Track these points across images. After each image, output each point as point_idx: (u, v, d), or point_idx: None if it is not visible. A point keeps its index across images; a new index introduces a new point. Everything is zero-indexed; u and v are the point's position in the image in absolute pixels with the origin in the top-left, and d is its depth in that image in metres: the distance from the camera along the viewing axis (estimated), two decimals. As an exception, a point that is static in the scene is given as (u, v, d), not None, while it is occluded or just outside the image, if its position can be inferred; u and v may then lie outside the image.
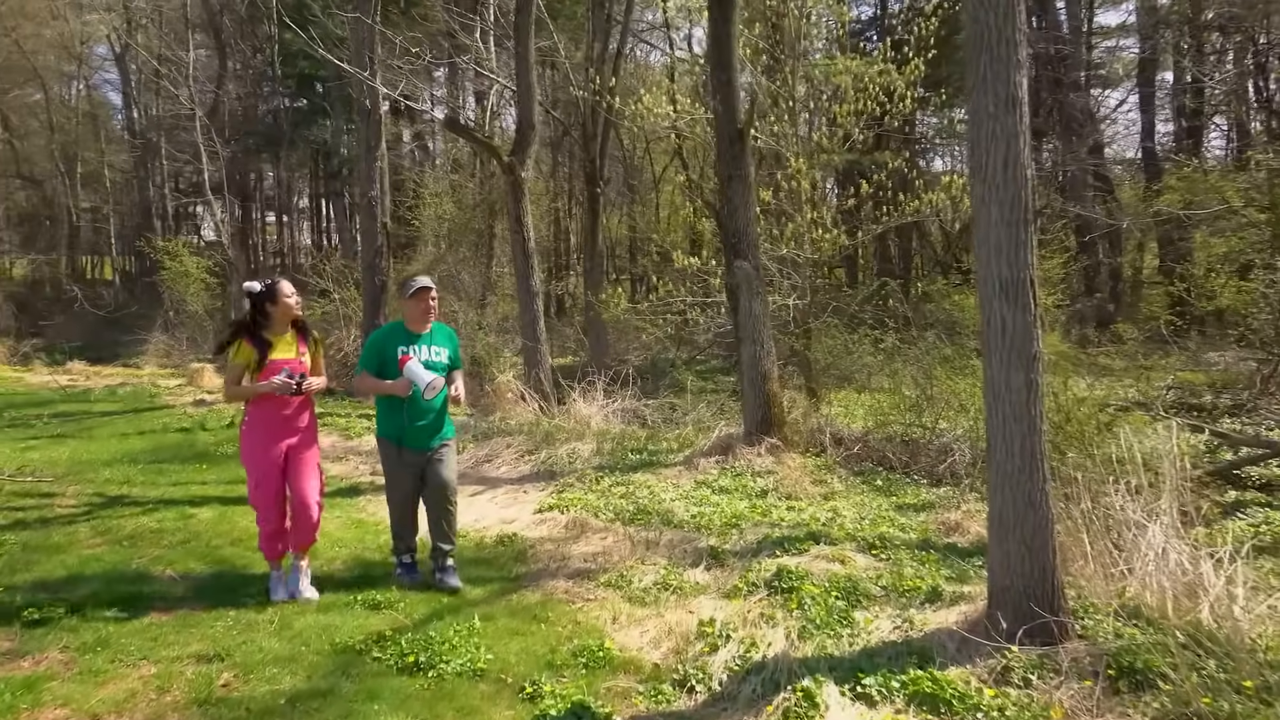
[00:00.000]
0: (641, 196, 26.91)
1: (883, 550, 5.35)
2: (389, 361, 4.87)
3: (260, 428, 4.63)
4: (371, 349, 4.98)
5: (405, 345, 4.89)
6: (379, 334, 5.09)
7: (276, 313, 4.66)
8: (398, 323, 5.07)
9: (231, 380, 4.65)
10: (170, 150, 28.28)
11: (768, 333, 8.68)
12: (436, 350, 4.99)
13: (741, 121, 8.59)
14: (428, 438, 4.93)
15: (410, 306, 4.94)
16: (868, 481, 7.99)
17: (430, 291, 4.96)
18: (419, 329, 4.96)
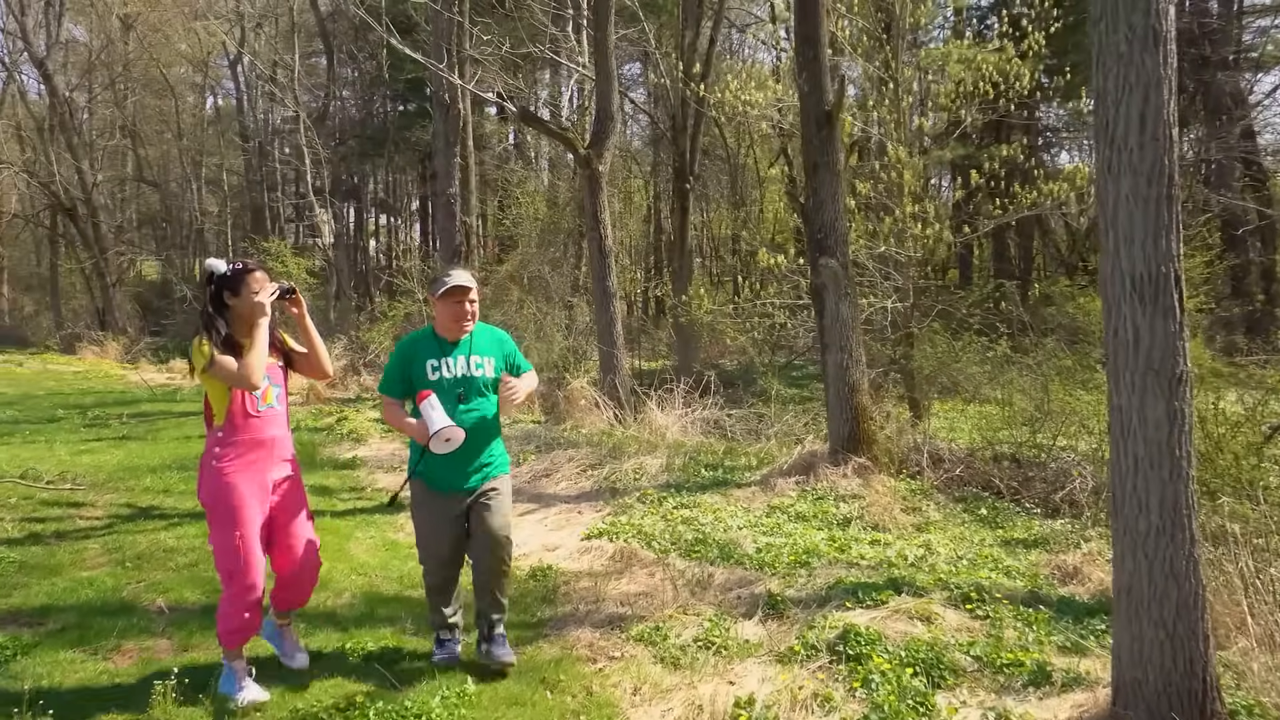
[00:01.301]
0: (745, 196, 26.02)
1: (980, 604, 4.41)
2: (418, 381, 3.74)
3: (234, 453, 3.49)
4: (394, 366, 3.81)
5: (436, 357, 3.74)
6: (404, 344, 3.86)
7: (239, 307, 3.51)
8: (427, 329, 3.89)
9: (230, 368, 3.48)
10: (282, 155, 29.03)
11: (857, 339, 7.74)
12: (478, 362, 3.79)
13: (830, 103, 7.69)
14: (467, 475, 3.75)
15: (441, 309, 3.75)
16: (970, 510, 6.98)
17: (469, 292, 3.73)
18: (453, 335, 3.80)
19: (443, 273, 3.82)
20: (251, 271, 3.56)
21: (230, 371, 3.41)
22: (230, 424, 3.51)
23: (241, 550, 3.42)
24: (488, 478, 3.82)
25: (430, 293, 3.91)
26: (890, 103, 10.26)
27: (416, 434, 3.63)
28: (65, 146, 23.60)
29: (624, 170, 25.10)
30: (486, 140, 26.44)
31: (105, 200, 28.78)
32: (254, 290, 3.51)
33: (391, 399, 3.84)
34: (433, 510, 3.79)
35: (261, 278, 3.58)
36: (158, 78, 30.22)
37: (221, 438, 3.51)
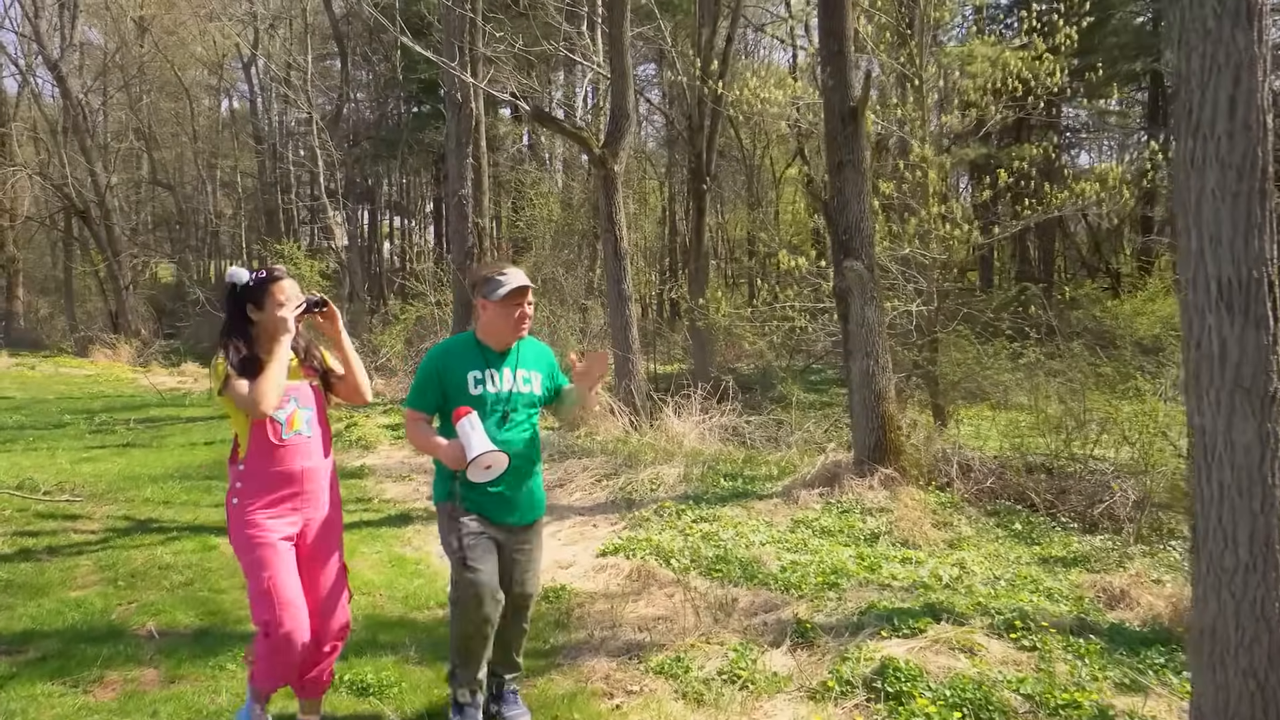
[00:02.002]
0: (761, 198, 25.69)
1: (1025, 633, 4.10)
2: (455, 395, 3.16)
3: (256, 488, 3.02)
4: (427, 376, 3.22)
5: (480, 368, 3.19)
6: (439, 352, 3.29)
7: (264, 322, 3.06)
8: (466, 335, 3.32)
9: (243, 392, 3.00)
10: (296, 157, 28.92)
11: (884, 344, 7.43)
12: (526, 376, 3.28)
13: (855, 98, 7.39)
14: (515, 507, 3.26)
15: (496, 313, 3.17)
16: (1003, 524, 6.66)
17: (527, 293, 3.20)
18: (502, 344, 3.23)
19: (495, 270, 3.23)
20: (276, 281, 3.09)
21: (241, 395, 2.95)
22: (253, 455, 3.02)
23: (274, 594, 2.90)
24: (530, 517, 3.36)
25: (482, 295, 3.21)
26: (915, 100, 9.94)
27: (449, 457, 3.07)
28: (79, 149, 23.53)
29: (639, 171, 24.84)
30: (500, 142, 26.22)
31: (120, 203, 28.74)
32: (279, 302, 3.05)
33: (420, 414, 3.22)
34: (489, 543, 3.18)
35: (288, 287, 3.10)
36: (173, 80, 30.20)
37: (243, 471, 3.03)
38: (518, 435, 3.23)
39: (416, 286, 15.37)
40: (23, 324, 26.70)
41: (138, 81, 27.28)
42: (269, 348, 3.05)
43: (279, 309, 3.05)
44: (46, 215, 28.01)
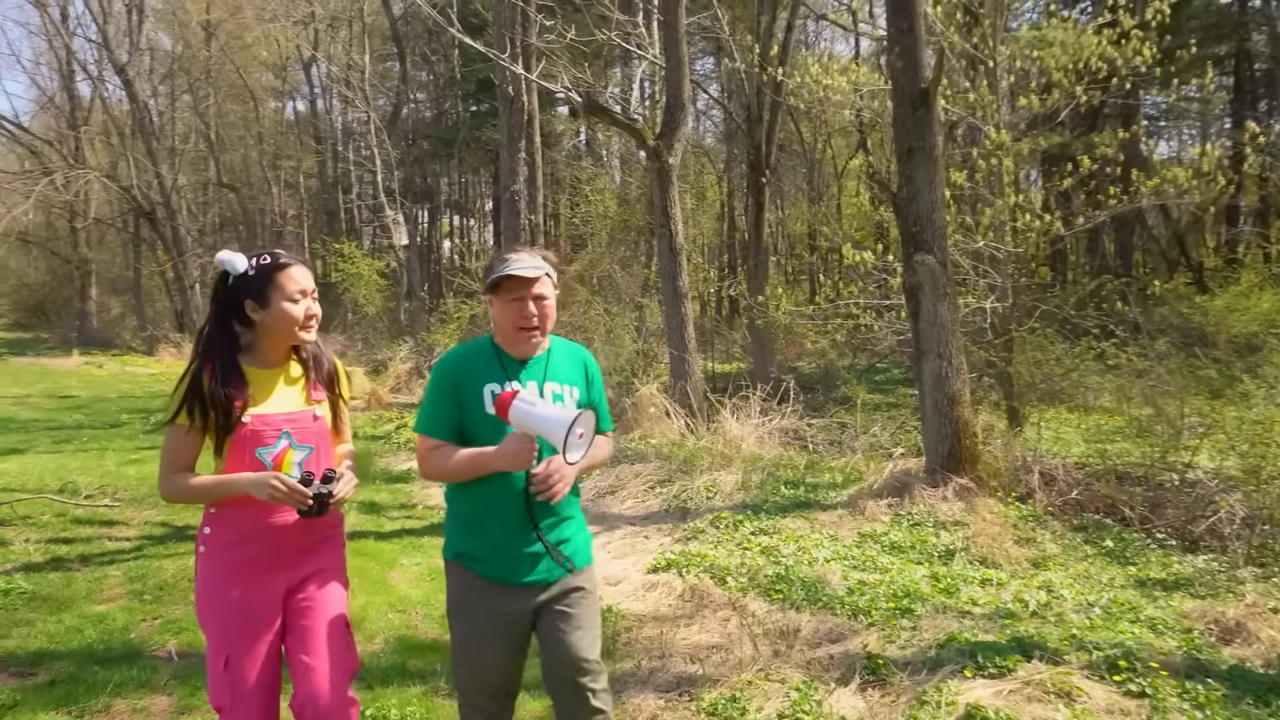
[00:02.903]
0: (823, 192, 25.04)
1: (1131, 675, 3.60)
2: (472, 413, 2.46)
3: (231, 555, 2.39)
4: (437, 393, 2.52)
5: (499, 381, 2.48)
6: (450, 361, 2.57)
7: (267, 321, 2.41)
8: (481, 340, 2.61)
9: (169, 460, 2.40)
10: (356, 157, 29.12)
11: (957, 344, 6.91)
12: (557, 392, 2.55)
13: (926, 80, 6.87)
14: (535, 559, 2.50)
15: (497, 311, 2.52)
16: (1092, 541, 6.10)
17: (531, 284, 2.46)
18: (522, 351, 2.53)
19: (499, 255, 2.57)
20: (283, 268, 2.40)
21: (166, 454, 2.38)
22: (223, 508, 2.39)
23: (232, 680, 2.33)
24: (580, 564, 2.58)
25: (483, 287, 2.61)
26: (988, 84, 9.33)
27: (508, 459, 2.35)
28: (145, 152, 23.97)
29: (696, 167, 24.38)
30: (557, 139, 26.01)
31: (188, 204, 29.30)
32: (290, 295, 2.39)
33: (434, 441, 2.47)
34: (481, 614, 2.48)
35: (299, 276, 2.43)
36: (238, 83, 30.68)
37: (215, 515, 2.40)
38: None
39: (470, 284, 15.17)
40: (95, 323, 27.36)
41: (203, 85, 27.70)
42: (269, 354, 2.43)
43: (289, 303, 2.38)
44: (116, 216, 28.64)
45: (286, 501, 2.28)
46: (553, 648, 2.49)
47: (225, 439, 2.36)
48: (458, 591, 2.55)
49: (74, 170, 23.75)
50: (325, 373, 2.57)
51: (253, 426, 2.36)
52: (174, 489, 2.39)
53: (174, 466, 2.39)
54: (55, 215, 28.97)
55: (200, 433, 2.36)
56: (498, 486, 2.45)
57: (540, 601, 2.50)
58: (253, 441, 2.36)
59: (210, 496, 2.37)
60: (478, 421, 2.46)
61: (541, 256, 2.55)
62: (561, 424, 2.23)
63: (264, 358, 2.46)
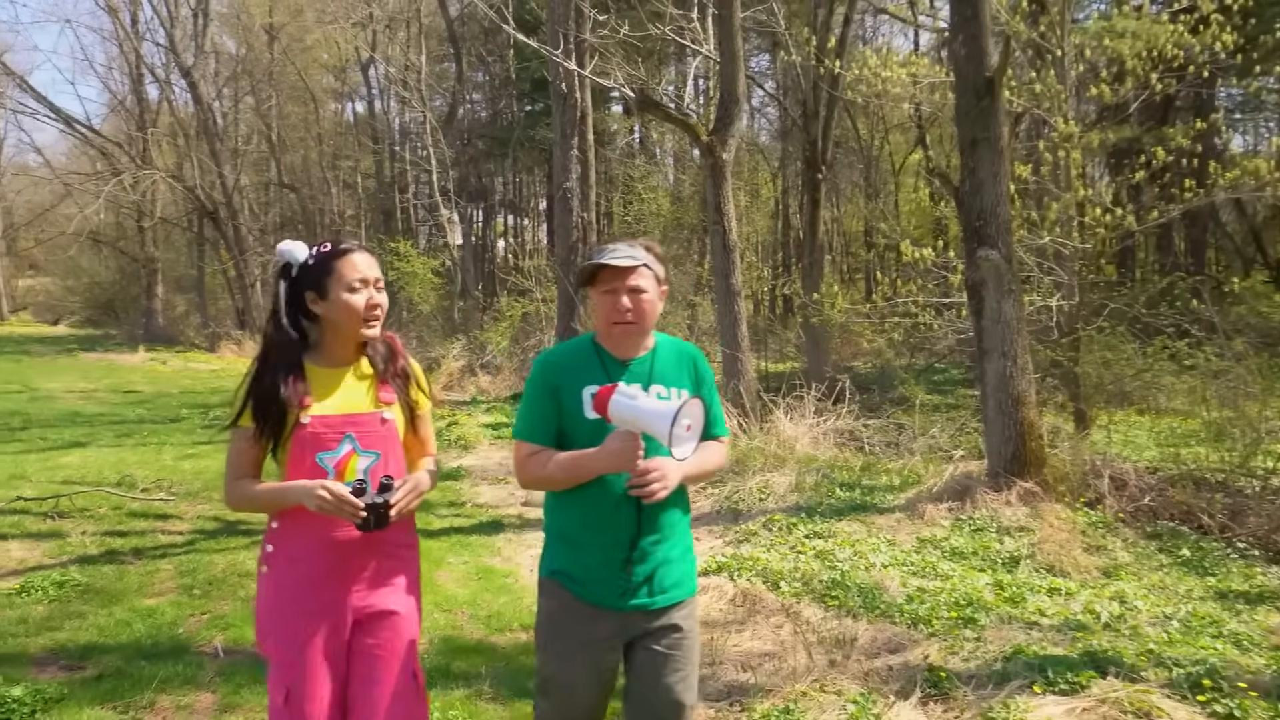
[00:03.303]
0: (879, 189, 24.62)
1: (1217, 695, 3.36)
2: (571, 417, 2.27)
3: (292, 573, 2.18)
4: (536, 395, 2.32)
5: (599, 384, 2.24)
6: (548, 360, 2.39)
7: (329, 314, 2.21)
8: (582, 339, 2.41)
9: (232, 466, 2.23)
10: (413, 157, 29.45)
11: (1023, 343, 6.64)
12: (662, 393, 2.32)
13: (992, 68, 6.61)
14: (631, 583, 2.25)
15: (597, 304, 2.33)
16: (1167, 550, 5.81)
17: (628, 274, 2.25)
18: (623, 349, 2.33)
19: (600, 245, 2.47)
20: (343, 254, 2.21)
21: (229, 461, 2.22)
22: (289, 511, 2.16)
23: (291, 715, 2.14)
24: (671, 597, 2.30)
25: (578, 279, 2.40)
26: (1056, 73, 8.99)
27: (618, 458, 2.13)
28: (209, 152, 24.52)
29: (750, 164, 24.14)
30: (611, 137, 25.98)
31: (250, 204, 29.92)
32: (350, 285, 2.18)
33: (531, 446, 2.28)
34: (574, 639, 2.25)
35: (361, 264, 2.21)
36: (299, 85, 31.25)
37: (276, 530, 2.20)
38: None
39: (523, 283, 15.18)
40: (160, 320, 28.10)
41: (265, 87, 28.26)
42: (335, 352, 2.23)
43: (349, 294, 2.17)
44: (181, 216, 29.38)
45: (336, 513, 2.05)
46: (647, 690, 2.27)
47: (283, 441, 2.16)
48: (551, 612, 2.31)
49: (141, 171, 24.40)
50: (396, 371, 2.31)
51: (312, 428, 2.15)
52: (237, 497, 2.22)
53: (237, 473, 2.21)
54: (124, 215, 29.83)
55: (250, 440, 2.18)
56: (600, 495, 2.23)
57: (639, 633, 2.26)
58: (313, 445, 2.15)
59: (268, 506, 2.19)
60: (577, 426, 2.25)
61: (644, 247, 2.33)
62: (664, 415, 2.01)
63: (329, 355, 2.25)
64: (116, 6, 25.45)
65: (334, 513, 2.05)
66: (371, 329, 2.22)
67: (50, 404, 12.18)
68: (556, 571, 2.31)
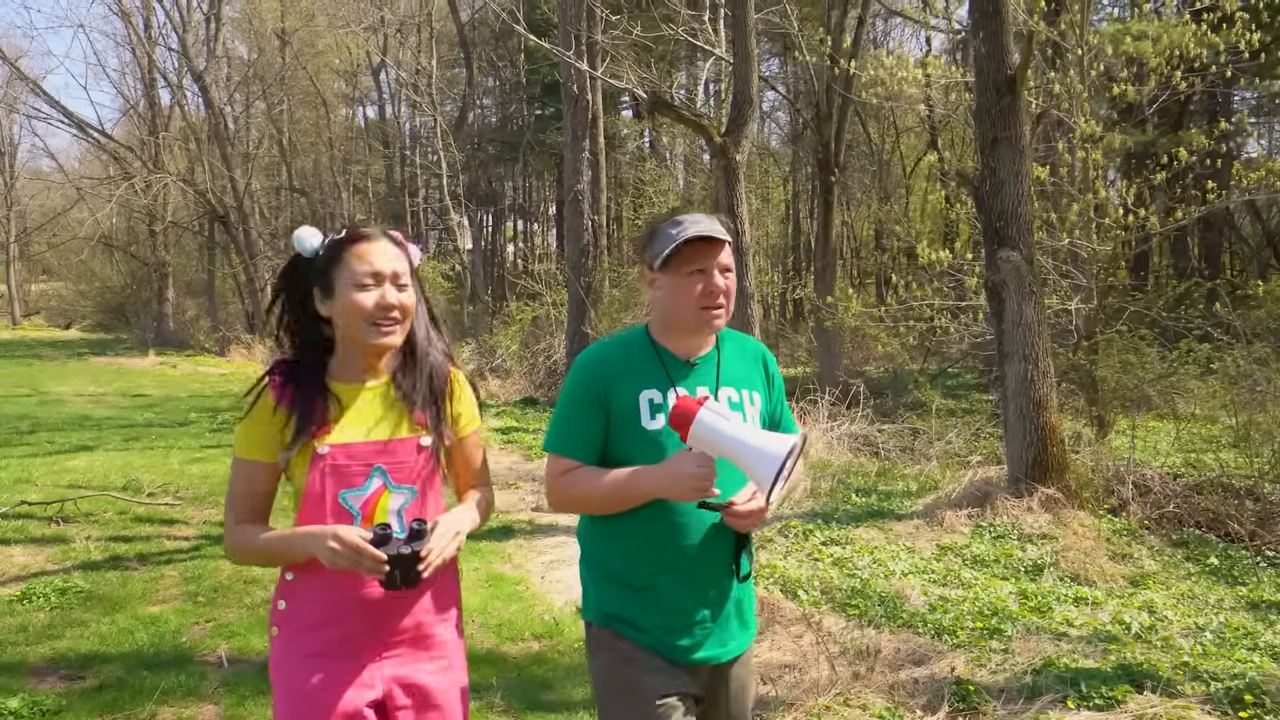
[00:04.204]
0: (891, 193, 24.46)
1: (1259, 710, 3.22)
2: (624, 427, 1.90)
3: (310, 641, 1.78)
4: (580, 399, 1.94)
5: (660, 387, 1.91)
6: (594, 360, 1.97)
7: (337, 317, 1.80)
8: (633, 333, 2.02)
9: (232, 504, 1.83)
10: (424, 161, 29.45)
11: (1045, 346, 6.50)
12: (734, 399, 1.96)
13: (1014, 66, 6.49)
14: (701, 629, 1.90)
15: (669, 289, 1.90)
16: (1195, 558, 5.67)
17: (719, 249, 1.90)
18: (688, 346, 1.97)
19: (664, 220, 1.97)
20: (353, 242, 1.78)
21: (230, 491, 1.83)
22: (301, 571, 1.78)
23: None
24: (748, 639, 1.99)
25: (645, 257, 1.96)
26: (1076, 73, 8.85)
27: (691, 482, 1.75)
28: (220, 157, 24.55)
29: (761, 168, 24.05)
30: (621, 141, 25.89)
31: (261, 209, 29.96)
32: (358, 280, 1.75)
33: (568, 462, 1.92)
34: (644, 697, 1.85)
35: (374, 253, 1.77)
36: (310, 90, 31.30)
37: (290, 584, 1.80)
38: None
39: (533, 286, 15.09)
40: (171, 325, 28.11)
41: (276, 91, 28.30)
42: (357, 366, 1.82)
43: (358, 287, 1.74)
44: (192, 220, 29.42)
45: (354, 568, 1.64)
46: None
47: (297, 475, 1.76)
48: (611, 667, 1.90)
49: (153, 175, 24.43)
50: (433, 387, 1.86)
51: (332, 460, 1.74)
52: (237, 544, 1.80)
53: (240, 513, 1.80)
54: (135, 220, 29.86)
55: (274, 468, 1.79)
56: (673, 521, 1.85)
57: (702, 687, 1.92)
58: (334, 481, 1.75)
59: (276, 559, 1.79)
60: (631, 438, 1.88)
61: (721, 223, 1.94)
62: (772, 458, 1.63)
63: (350, 368, 1.83)
64: (129, 11, 25.52)
65: (351, 568, 1.63)
66: (387, 335, 1.77)
67: (59, 408, 12.12)
68: (614, 617, 1.91)
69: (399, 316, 1.78)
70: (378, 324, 1.76)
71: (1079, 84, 8.71)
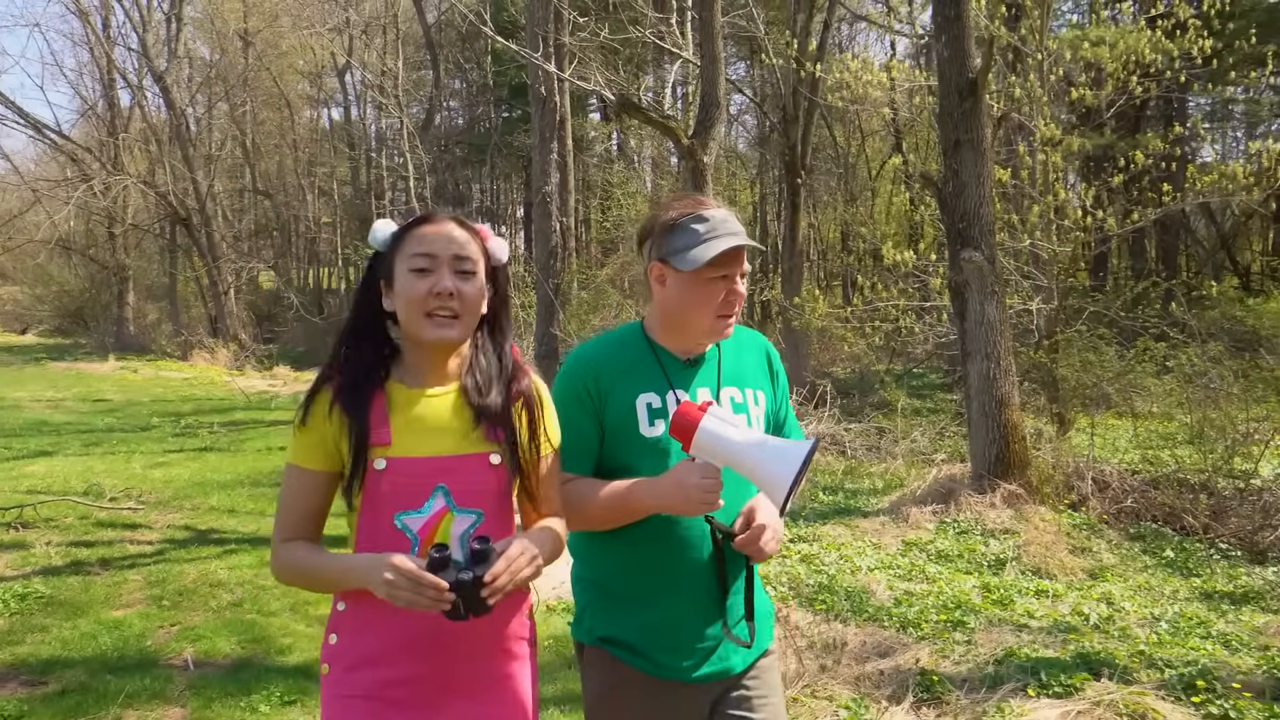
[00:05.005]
0: (857, 195, 24.71)
1: (1211, 697, 3.31)
2: (620, 433, 1.78)
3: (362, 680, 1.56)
4: (568, 404, 1.78)
5: (659, 390, 1.79)
6: (586, 360, 1.83)
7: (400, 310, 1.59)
8: (627, 331, 1.89)
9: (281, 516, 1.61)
10: (390, 163, 29.25)
11: (1006, 345, 6.62)
12: (738, 400, 1.85)
13: (975, 69, 6.61)
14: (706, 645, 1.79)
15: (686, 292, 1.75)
16: (1151, 551, 5.81)
17: (743, 257, 1.79)
18: (687, 346, 1.84)
19: (685, 209, 1.78)
20: (414, 226, 1.61)
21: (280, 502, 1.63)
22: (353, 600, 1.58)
23: None
24: (763, 647, 1.88)
25: (659, 254, 1.78)
26: (1036, 77, 9.02)
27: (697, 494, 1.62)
28: (181, 158, 24.22)
29: (729, 171, 24.19)
30: (589, 144, 25.90)
31: (224, 211, 29.58)
32: (413, 264, 1.55)
33: (563, 474, 1.76)
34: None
35: (429, 236, 1.57)
36: (274, 91, 30.96)
37: (342, 614, 1.60)
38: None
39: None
40: (132, 329, 27.64)
41: (239, 92, 27.97)
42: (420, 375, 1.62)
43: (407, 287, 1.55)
44: (154, 223, 28.98)
45: (413, 603, 1.41)
46: None
47: (354, 492, 1.55)
48: (602, 690, 1.80)
49: (112, 177, 24.03)
50: (511, 395, 1.64)
51: (391, 476, 1.54)
52: (283, 565, 1.59)
53: (288, 527, 1.59)
54: (94, 222, 29.36)
55: (331, 479, 1.58)
56: (679, 537, 1.75)
57: (712, 705, 1.80)
58: (390, 500, 1.54)
59: (327, 585, 1.57)
60: (628, 445, 1.76)
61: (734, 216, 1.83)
62: (785, 466, 1.51)
63: (412, 371, 1.62)
64: (87, 11, 25.09)
65: (409, 602, 1.41)
66: (443, 327, 1.55)
67: (16, 413, 11.89)
68: (608, 640, 1.79)
69: (457, 308, 1.55)
70: (431, 314, 1.54)
71: (1039, 88, 8.87)
